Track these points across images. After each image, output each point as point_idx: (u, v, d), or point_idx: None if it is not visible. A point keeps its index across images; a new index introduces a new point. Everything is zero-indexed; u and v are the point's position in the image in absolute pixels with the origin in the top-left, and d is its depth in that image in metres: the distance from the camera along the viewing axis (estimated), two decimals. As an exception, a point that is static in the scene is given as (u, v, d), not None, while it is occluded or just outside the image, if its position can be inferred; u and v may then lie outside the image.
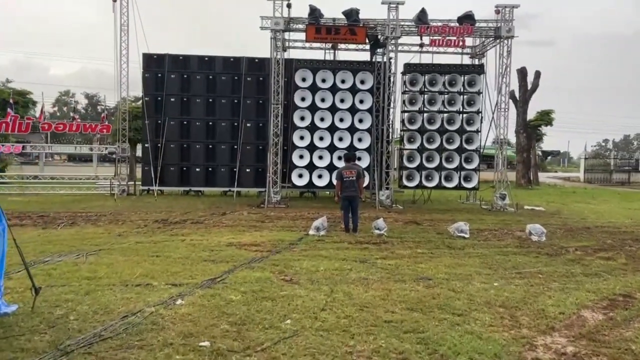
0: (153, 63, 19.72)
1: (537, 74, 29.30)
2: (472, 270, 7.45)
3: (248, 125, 19.62)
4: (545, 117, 32.63)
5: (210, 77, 19.80)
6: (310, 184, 17.08)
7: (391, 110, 17.77)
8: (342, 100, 17.14)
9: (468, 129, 17.36)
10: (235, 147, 19.36)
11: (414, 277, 6.97)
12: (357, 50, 19.58)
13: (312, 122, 16.92)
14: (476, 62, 18.93)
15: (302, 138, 17.00)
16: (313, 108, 16.97)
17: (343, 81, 17.13)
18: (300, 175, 17.13)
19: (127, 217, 13.10)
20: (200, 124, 19.72)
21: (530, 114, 31.20)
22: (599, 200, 22.21)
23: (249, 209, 15.70)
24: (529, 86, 29.54)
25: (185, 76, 19.74)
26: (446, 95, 17.47)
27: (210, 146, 19.75)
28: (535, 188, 29.34)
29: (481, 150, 17.67)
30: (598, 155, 47.04)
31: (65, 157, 43.98)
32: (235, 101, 19.67)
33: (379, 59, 18.67)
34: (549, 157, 64.13)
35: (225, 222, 12.34)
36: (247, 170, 19.72)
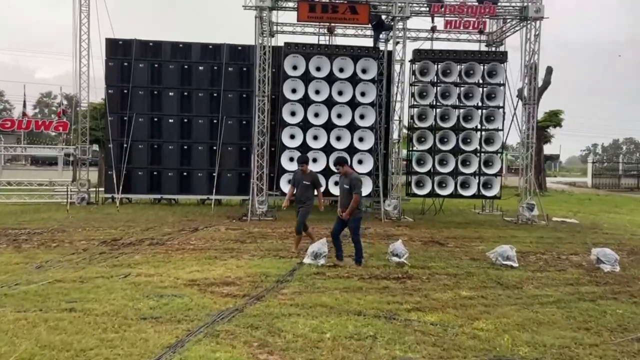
0: (118, 50, 16.84)
1: (549, 70, 26.87)
2: (567, 337, 4.73)
3: (229, 122, 16.83)
4: (554, 118, 30.20)
5: (186, 66, 16.98)
6: (303, 191, 14.29)
7: (398, 104, 15.09)
8: (340, 93, 14.41)
9: (488, 126, 14.74)
10: (215, 148, 16.56)
11: (483, 355, 4.24)
12: (356, 36, 16.93)
13: (305, 119, 14.16)
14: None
15: (292, 137, 14.23)
16: (306, 101, 14.21)
17: (341, 69, 14.41)
18: (290, 181, 14.30)
19: (69, 235, 10.21)
20: (174, 121, 16.88)
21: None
22: (625, 209, 19.74)
23: (228, 222, 12.90)
24: (540, 83, 27.06)
25: (156, 65, 16.89)
26: (463, 88, 14.85)
27: (185, 147, 16.91)
28: (546, 195, 26.85)
29: (502, 153, 15.05)
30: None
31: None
32: (215, 95, 16.86)
33: (382, 45, 16.03)
34: (546, 162, 62.20)
35: (193, 243, 9.51)
36: (229, 175, 16.92)
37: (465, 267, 7.81)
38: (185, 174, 16.95)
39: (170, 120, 16.88)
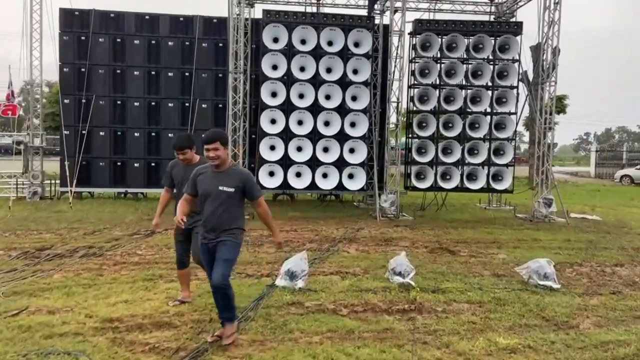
0: (74, 21, 14.61)
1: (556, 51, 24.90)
2: None
3: (203, 106, 14.76)
4: (558, 104, 28.33)
5: (153, 41, 14.80)
6: (285, 184, 12.32)
7: (396, 83, 13.13)
8: (328, 70, 12.36)
9: (499, 109, 12.79)
10: (187, 135, 14.47)
11: None
12: (347, 7, 14.84)
13: (287, 100, 12.13)
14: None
15: (273, 122, 12.21)
16: (288, 80, 12.17)
17: (330, 42, 12.34)
18: (272, 174, 12.33)
19: (-12, 242, 8.17)
20: (140, 105, 14.75)
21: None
22: (643, 202, 17.99)
23: (197, 222, 10.89)
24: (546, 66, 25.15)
25: (118, 40, 14.70)
26: (470, 64, 12.87)
27: (153, 134, 14.82)
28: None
29: (516, 140, 13.16)
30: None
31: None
32: (187, 74, 14.74)
33: (377, 19, 13.97)
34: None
35: (141, 254, 7.52)
36: (203, 165, 14.86)
37: (490, 290, 5.89)
38: (153, 164, 14.85)
39: (135, 104, 14.75)
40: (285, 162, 12.21)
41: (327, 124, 12.42)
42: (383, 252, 7.98)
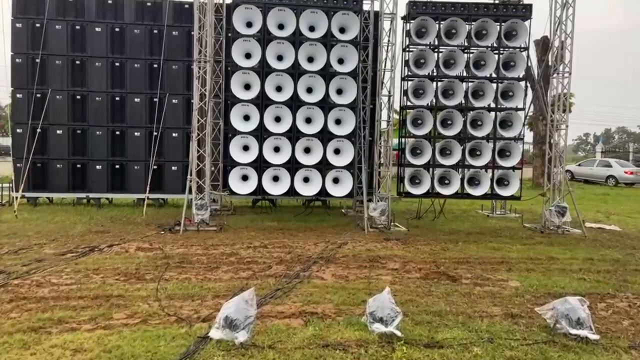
0: (28, 6, 13.05)
1: (562, 44, 23.35)
2: None
3: (174, 101, 13.23)
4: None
5: (117, 29, 13.27)
6: (260, 190, 10.73)
7: (387, 74, 11.55)
8: (310, 59, 10.79)
9: (505, 105, 11.22)
10: (155, 134, 12.90)
11: None
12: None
13: (262, 93, 10.55)
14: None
15: (246, 118, 10.63)
16: (264, 70, 10.59)
17: (312, 27, 10.76)
18: (245, 178, 10.75)
19: None
20: (102, 100, 13.21)
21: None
22: (660, 208, 16.45)
23: (154, 234, 9.33)
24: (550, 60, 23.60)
25: (77, 27, 13.15)
26: (472, 53, 11.31)
27: (118, 132, 13.27)
28: (556, 189, 23.50)
29: (523, 139, 11.59)
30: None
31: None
32: (155, 66, 13.20)
33: (367, 5, 12.43)
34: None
35: (55, 282, 5.92)
36: (173, 168, 13.33)
37: (504, 342, 4.31)
38: (117, 166, 13.30)
39: (97, 99, 13.19)
40: (260, 165, 10.64)
41: (308, 120, 10.83)
42: (366, 278, 6.41)
